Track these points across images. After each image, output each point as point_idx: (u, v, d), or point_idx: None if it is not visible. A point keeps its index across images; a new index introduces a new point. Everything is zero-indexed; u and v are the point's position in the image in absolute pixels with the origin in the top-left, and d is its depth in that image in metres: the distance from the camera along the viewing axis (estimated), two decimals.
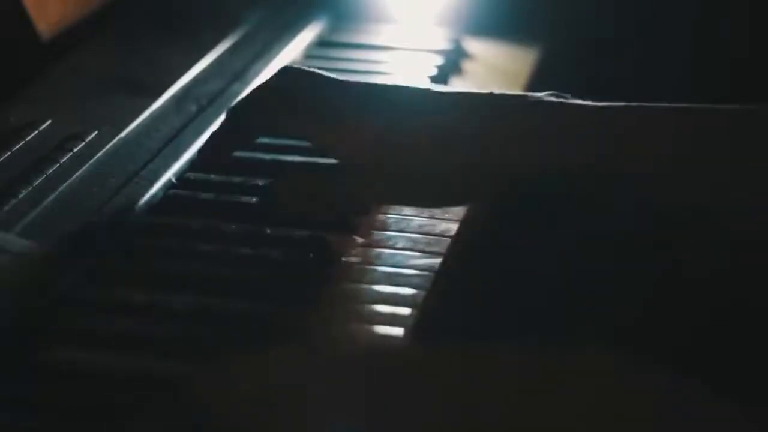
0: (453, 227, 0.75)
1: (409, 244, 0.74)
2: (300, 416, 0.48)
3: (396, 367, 0.49)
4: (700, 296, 0.74)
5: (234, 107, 0.75)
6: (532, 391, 0.48)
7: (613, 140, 0.69)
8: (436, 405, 0.48)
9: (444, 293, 0.70)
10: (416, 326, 0.65)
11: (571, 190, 0.69)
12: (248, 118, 0.74)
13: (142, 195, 0.75)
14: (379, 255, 0.72)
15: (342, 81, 0.73)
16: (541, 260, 0.73)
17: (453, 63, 1.01)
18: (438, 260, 0.72)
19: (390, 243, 0.74)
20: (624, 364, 0.49)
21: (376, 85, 0.74)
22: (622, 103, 0.70)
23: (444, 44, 1.02)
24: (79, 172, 0.76)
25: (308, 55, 1.01)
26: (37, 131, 0.79)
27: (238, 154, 0.82)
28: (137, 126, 0.83)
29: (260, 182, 0.78)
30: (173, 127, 0.84)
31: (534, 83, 0.99)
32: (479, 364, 0.49)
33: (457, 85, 0.98)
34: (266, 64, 0.95)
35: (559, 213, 0.72)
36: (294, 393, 0.49)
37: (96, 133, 0.80)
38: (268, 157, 0.82)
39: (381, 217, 0.76)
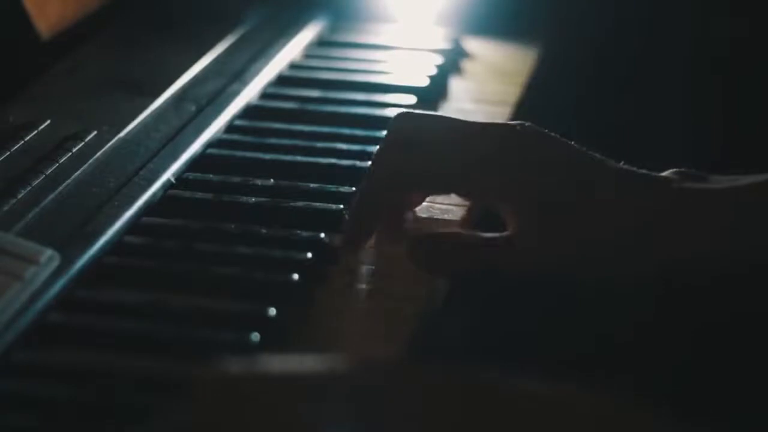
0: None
1: None
2: (300, 419, 0.48)
3: (391, 386, 0.49)
4: (699, 310, 0.74)
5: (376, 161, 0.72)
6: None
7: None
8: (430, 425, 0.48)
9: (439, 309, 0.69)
10: (411, 344, 0.65)
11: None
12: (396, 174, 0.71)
13: (142, 195, 0.75)
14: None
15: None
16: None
17: (453, 62, 1.01)
18: None
19: None
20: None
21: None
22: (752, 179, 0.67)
23: (444, 44, 1.02)
24: (78, 172, 0.76)
25: (308, 55, 1.01)
26: (36, 131, 0.79)
27: (237, 154, 0.82)
28: (137, 126, 0.83)
29: (260, 182, 0.78)
30: (173, 127, 0.84)
31: (534, 83, 0.99)
32: (474, 390, 0.49)
33: (459, 85, 0.99)
34: (266, 64, 0.95)
35: None
36: (294, 396, 0.49)
37: (95, 133, 0.80)
38: (268, 157, 0.82)
39: None
